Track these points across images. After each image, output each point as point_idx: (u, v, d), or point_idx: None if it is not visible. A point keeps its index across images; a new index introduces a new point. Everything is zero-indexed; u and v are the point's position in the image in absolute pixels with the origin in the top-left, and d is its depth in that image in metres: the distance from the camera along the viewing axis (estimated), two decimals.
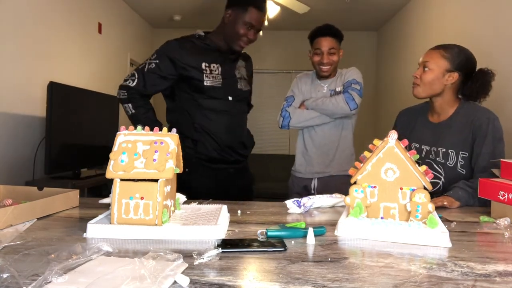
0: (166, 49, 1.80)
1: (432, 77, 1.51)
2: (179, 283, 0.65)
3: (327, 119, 2.05)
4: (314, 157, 2.09)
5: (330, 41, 2.02)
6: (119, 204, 0.94)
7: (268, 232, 0.93)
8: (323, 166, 2.07)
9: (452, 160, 1.51)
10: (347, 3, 4.60)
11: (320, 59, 2.04)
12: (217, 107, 1.80)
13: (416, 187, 0.99)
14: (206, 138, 1.79)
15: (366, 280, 0.69)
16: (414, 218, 0.97)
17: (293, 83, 2.23)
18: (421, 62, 1.55)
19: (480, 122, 1.47)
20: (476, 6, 3.10)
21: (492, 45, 2.85)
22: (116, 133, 1.02)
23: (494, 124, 1.46)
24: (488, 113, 1.49)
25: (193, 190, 1.82)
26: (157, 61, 1.77)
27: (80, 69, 3.68)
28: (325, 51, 2.02)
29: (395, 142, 1.01)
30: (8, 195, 1.24)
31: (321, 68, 2.06)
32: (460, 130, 1.51)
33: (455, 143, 1.51)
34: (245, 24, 1.75)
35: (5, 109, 2.63)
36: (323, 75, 2.09)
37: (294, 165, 2.20)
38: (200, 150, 1.79)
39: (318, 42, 2.04)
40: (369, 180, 1.03)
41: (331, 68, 2.07)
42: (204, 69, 1.77)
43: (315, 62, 2.08)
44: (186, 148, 1.80)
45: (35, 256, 0.77)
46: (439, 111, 1.58)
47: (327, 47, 2.02)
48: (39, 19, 3.00)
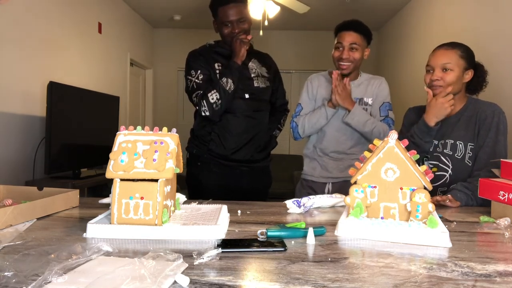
0: (192, 59, 1.96)
1: (455, 78, 1.51)
2: (179, 283, 0.65)
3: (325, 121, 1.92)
4: (328, 162, 1.96)
5: (353, 36, 1.87)
6: (119, 204, 0.94)
7: (268, 232, 0.93)
8: (338, 171, 1.95)
9: (460, 152, 1.52)
10: (347, 3, 4.60)
11: (340, 54, 1.89)
12: (232, 106, 1.85)
13: (416, 187, 0.99)
14: (219, 136, 1.87)
15: (366, 280, 0.69)
16: (414, 218, 0.97)
17: (304, 88, 2.09)
18: (440, 64, 1.52)
19: (486, 114, 1.49)
20: (476, 5, 3.10)
21: (492, 45, 2.85)
22: (116, 133, 1.02)
23: (500, 117, 1.48)
24: (494, 106, 1.51)
25: (203, 185, 1.91)
26: (198, 71, 1.89)
27: (80, 69, 3.68)
28: (346, 46, 1.87)
29: (395, 142, 1.01)
30: (8, 195, 1.24)
31: (340, 64, 1.91)
32: (467, 123, 1.53)
33: (462, 135, 1.53)
34: (224, 24, 1.85)
35: (5, 109, 2.63)
36: (342, 73, 1.92)
37: (304, 169, 2.06)
38: (212, 148, 1.89)
39: (340, 36, 1.90)
40: (369, 180, 1.02)
41: (351, 66, 1.90)
42: (218, 69, 1.89)
43: (335, 58, 1.93)
44: (200, 144, 1.93)
45: (35, 256, 0.77)
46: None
47: (348, 41, 1.87)
48: (39, 19, 3.00)
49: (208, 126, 1.90)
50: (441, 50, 1.55)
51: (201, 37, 5.81)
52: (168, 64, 6.03)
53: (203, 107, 1.81)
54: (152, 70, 5.93)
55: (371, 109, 1.94)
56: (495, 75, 2.84)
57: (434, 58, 1.54)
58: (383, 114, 1.93)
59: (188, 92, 1.91)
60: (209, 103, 1.80)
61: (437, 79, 1.51)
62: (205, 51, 1.97)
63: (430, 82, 1.54)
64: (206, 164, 1.91)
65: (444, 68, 1.51)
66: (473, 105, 1.55)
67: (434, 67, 1.53)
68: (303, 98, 2.06)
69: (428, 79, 1.55)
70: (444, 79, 1.51)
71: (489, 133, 1.47)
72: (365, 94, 1.95)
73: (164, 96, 6.05)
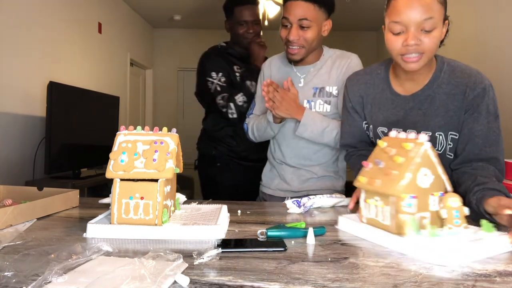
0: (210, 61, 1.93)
1: (440, 37, 1.05)
2: (179, 283, 0.65)
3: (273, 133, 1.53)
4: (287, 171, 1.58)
5: (302, 8, 1.36)
6: (119, 204, 0.94)
7: (268, 232, 0.93)
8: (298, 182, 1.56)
9: (441, 146, 1.15)
10: (347, 3, 4.60)
11: (286, 35, 1.41)
12: None
13: (443, 191, 0.92)
14: (241, 137, 1.88)
15: (366, 280, 0.69)
16: (452, 225, 0.87)
17: (259, 77, 1.67)
18: (418, 20, 1.00)
19: (474, 94, 1.09)
20: (476, 5, 3.10)
21: (492, 45, 2.85)
22: (116, 133, 1.02)
23: (490, 95, 1.10)
24: (482, 79, 1.10)
25: (223, 185, 1.92)
26: (219, 73, 1.88)
27: (80, 69, 3.67)
28: (294, 22, 1.38)
29: None
30: (8, 195, 1.24)
31: (288, 49, 1.44)
32: (446, 103, 1.11)
33: (442, 122, 1.13)
34: (239, 24, 1.85)
35: (5, 109, 2.63)
36: (292, 59, 1.46)
37: (262, 178, 1.70)
38: (233, 149, 1.94)
39: (286, 8, 1.40)
40: (408, 190, 0.87)
41: (303, 51, 1.42)
42: (237, 71, 1.91)
43: (282, 39, 1.45)
44: (219, 146, 1.97)
45: (35, 256, 0.77)
46: (416, 78, 1.14)
47: (297, 16, 1.37)
48: (39, 19, 3.00)
49: (227, 127, 1.92)
50: None
51: (201, 37, 5.88)
52: (168, 64, 6.03)
53: (230, 110, 1.81)
54: (152, 70, 5.93)
55: (337, 101, 1.47)
56: (495, 73, 2.84)
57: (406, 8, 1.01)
58: None
59: (210, 94, 1.89)
60: (237, 106, 1.81)
61: (417, 44, 1.03)
62: (220, 53, 1.97)
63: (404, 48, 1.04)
64: (226, 164, 1.95)
65: (423, 28, 1.02)
66: (448, 74, 1.12)
67: (407, 26, 1.02)
68: (257, 90, 1.68)
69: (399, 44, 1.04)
70: (424, 42, 1.03)
71: (480, 118, 1.09)
72: (327, 81, 1.48)
73: (164, 96, 6.04)
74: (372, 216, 0.95)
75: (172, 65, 6.04)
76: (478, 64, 1.57)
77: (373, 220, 0.95)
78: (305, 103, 1.50)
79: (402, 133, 0.95)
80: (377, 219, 0.93)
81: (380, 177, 0.92)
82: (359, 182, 0.97)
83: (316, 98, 1.48)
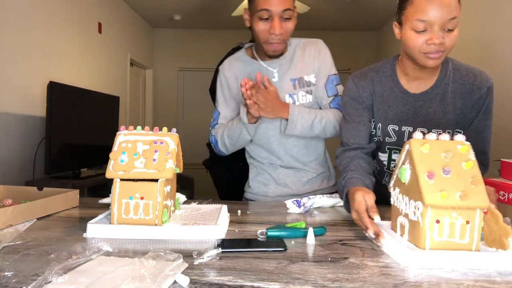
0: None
1: (457, 36, 1.05)
2: (179, 283, 0.65)
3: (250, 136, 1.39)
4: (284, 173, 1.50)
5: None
6: (119, 204, 0.94)
7: (268, 232, 0.93)
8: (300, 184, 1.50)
9: None
10: (347, 3, 4.60)
11: (268, 28, 1.28)
12: None
13: None
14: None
15: (366, 280, 0.69)
16: None
17: (217, 83, 1.51)
18: (443, 20, 1.01)
19: (481, 92, 1.13)
20: (476, 5, 3.10)
21: (492, 45, 2.85)
22: (116, 133, 1.02)
23: (491, 95, 1.16)
24: (487, 78, 1.15)
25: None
26: None
27: (80, 69, 3.68)
28: (277, 14, 1.26)
29: None
30: (8, 195, 1.24)
31: (269, 45, 1.32)
32: (453, 101, 1.16)
33: (451, 120, 1.17)
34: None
35: (5, 109, 2.63)
36: (272, 55, 1.36)
37: (251, 186, 1.55)
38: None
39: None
40: None
41: (283, 45, 1.35)
42: None
43: (259, 32, 1.30)
44: None
45: (35, 256, 0.77)
46: (424, 76, 1.16)
47: (280, 7, 1.25)
48: (39, 19, 3.00)
49: None
50: None
51: (201, 37, 5.88)
52: (168, 64, 6.04)
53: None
54: (152, 70, 5.93)
55: (315, 90, 1.42)
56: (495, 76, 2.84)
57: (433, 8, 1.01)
58: (331, 94, 1.43)
59: None
60: None
61: (440, 43, 1.03)
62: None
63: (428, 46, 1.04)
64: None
65: (446, 27, 1.02)
66: (453, 74, 1.16)
67: (432, 25, 1.02)
68: (218, 97, 1.51)
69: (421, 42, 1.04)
70: (445, 43, 1.03)
71: (479, 115, 1.16)
72: (304, 70, 1.41)
73: (164, 96, 6.05)
74: (443, 239, 0.79)
75: (172, 65, 6.04)
76: (478, 64, 1.58)
77: (445, 243, 0.79)
78: (287, 98, 1.41)
79: (431, 134, 0.86)
80: (453, 241, 0.79)
81: (460, 189, 0.78)
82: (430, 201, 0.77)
83: (297, 90, 1.41)
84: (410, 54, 1.10)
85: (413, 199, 0.83)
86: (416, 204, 0.82)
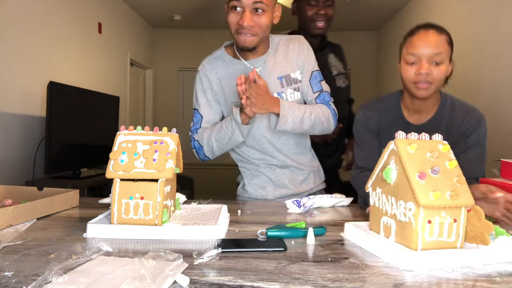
0: None
1: (446, 71, 1.19)
2: (179, 283, 0.65)
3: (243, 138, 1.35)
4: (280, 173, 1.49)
5: None
6: (119, 204, 0.94)
7: (268, 232, 0.93)
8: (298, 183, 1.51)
9: None
10: (347, 3, 4.60)
11: (238, 20, 1.28)
12: None
13: None
14: None
15: (366, 280, 0.69)
16: None
17: (196, 85, 1.47)
18: (429, 54, 1.17)
19: (470, 124, 1.26)
20: (476, 6, 3.10)
21: (492, 46, 2.85)
22: (116, 133, 1.02)
23: (482, 127, 1.26)
24: (478, 114, 1.27)
25: None
26: None
27: (80, 69, 3.68)
28: (248, 5, 1.25)
29: None
30: (8, 195, 1.24)
31: (239, 36, 1.30)
32: (447, 131, 1.26)
33: None
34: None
35: (5, 109, 2.63)
36: (244, 47, 1.34)
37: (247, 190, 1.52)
38: None
39: None
40: None
41: (255, 40, 1.31)
42: None
43: (231, 25, 1.31)
44: None
45: (35, 256, 0.77)
46: (425, 109, 1.28)
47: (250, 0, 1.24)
48: (39, 19, 3.00)
49: None
50: (429, 34, 1.18)
51: (201, 37, 5.87)
52: (168, 64, 6.04)
53: None
54: (152, 70, 5.93)
55: (301, 86, 1.43)
56: (494, 76, 2.84)
57: (421, 44, 1.17)
58: (316, 90, 1.44)
59: None
60: None
61: (427, 73, 1.17)
62: None
63: (417, 76, 1.18)
64: None
65: (433, 61, 1.17)
66: (450, 108, 1.28)
67: (421, 57, 1.17)
68: (199, 100, 1.45)
69: (412, 73, 1.18)
70: (433, 73, 1.17)
71: (468, 144, 1.25)
72: (289, 67, 1.41)
73: (164, 96, 6.05)
74: (433, 239, 0.78)
75: (172, 65, 6.04)
76: (478, 63, 1.57)
77: (435, 243, 0.78)
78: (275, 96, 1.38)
79: (413, 134, 0.87)
80: (442, 240, 0.79)
81: (448, 188, 0.78)
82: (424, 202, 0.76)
83: (285, 88, 1.40)
84: (405, 85, 1.25)
85: (402, 199, 0.81)
86: (406, 205, 0.80)
